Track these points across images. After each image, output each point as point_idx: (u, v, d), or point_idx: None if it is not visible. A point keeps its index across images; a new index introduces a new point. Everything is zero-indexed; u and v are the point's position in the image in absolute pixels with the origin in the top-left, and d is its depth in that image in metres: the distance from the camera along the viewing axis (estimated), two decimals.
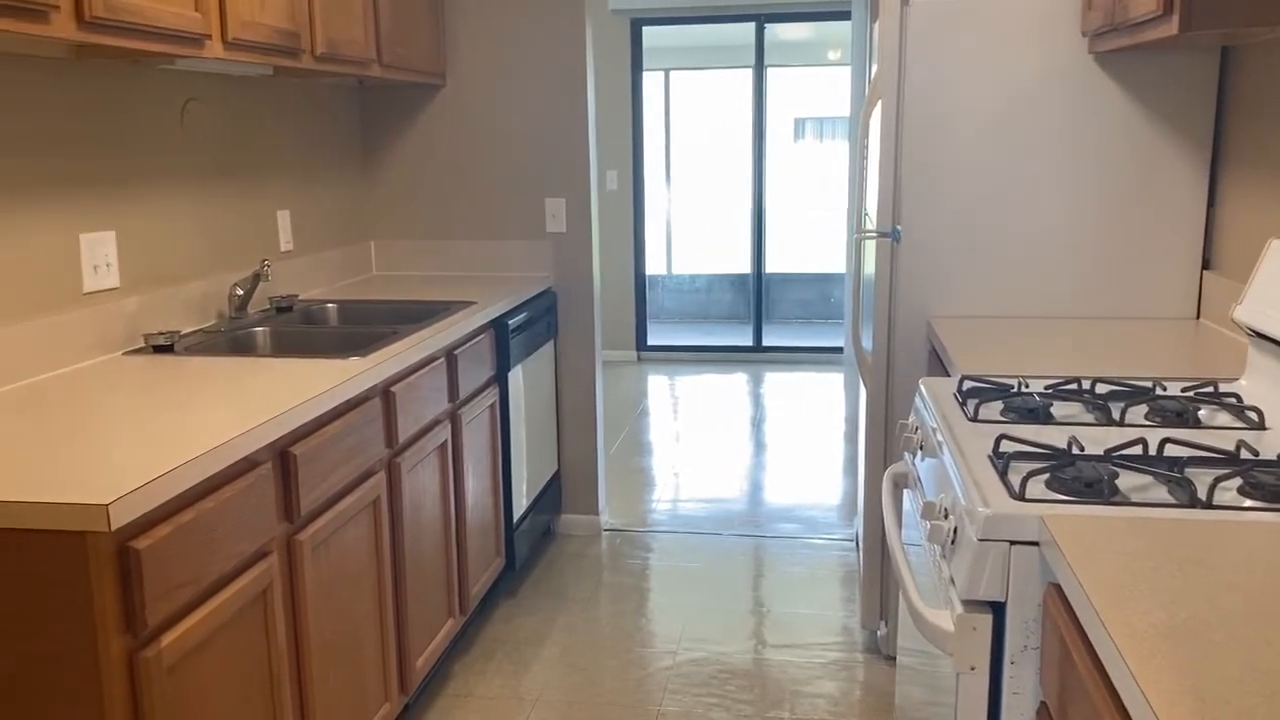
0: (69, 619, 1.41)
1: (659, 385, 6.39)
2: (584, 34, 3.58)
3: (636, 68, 6.71)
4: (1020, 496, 1.33)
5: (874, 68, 3.00)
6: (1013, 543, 1.29)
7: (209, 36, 2.16)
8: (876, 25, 2.81)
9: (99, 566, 1.40)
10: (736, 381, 6.45)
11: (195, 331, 2.63)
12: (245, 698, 1.76)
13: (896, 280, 2.72)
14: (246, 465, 1.76)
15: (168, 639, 1.53)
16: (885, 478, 1.92)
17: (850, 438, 5.16)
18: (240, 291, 2.77)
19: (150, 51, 2.02)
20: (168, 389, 2.02)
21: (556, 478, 3.79)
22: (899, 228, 2.69)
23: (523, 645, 3.03)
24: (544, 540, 3.80)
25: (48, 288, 2.18)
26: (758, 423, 5.48)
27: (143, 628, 1.47)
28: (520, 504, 3.34)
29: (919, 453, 1.83)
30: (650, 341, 7.07)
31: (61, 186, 2.22)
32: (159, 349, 2.41)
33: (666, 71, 9.15)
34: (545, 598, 3.34)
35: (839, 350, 6.93)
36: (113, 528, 1.38)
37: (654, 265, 8.27)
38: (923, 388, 1.94)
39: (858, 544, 3.71)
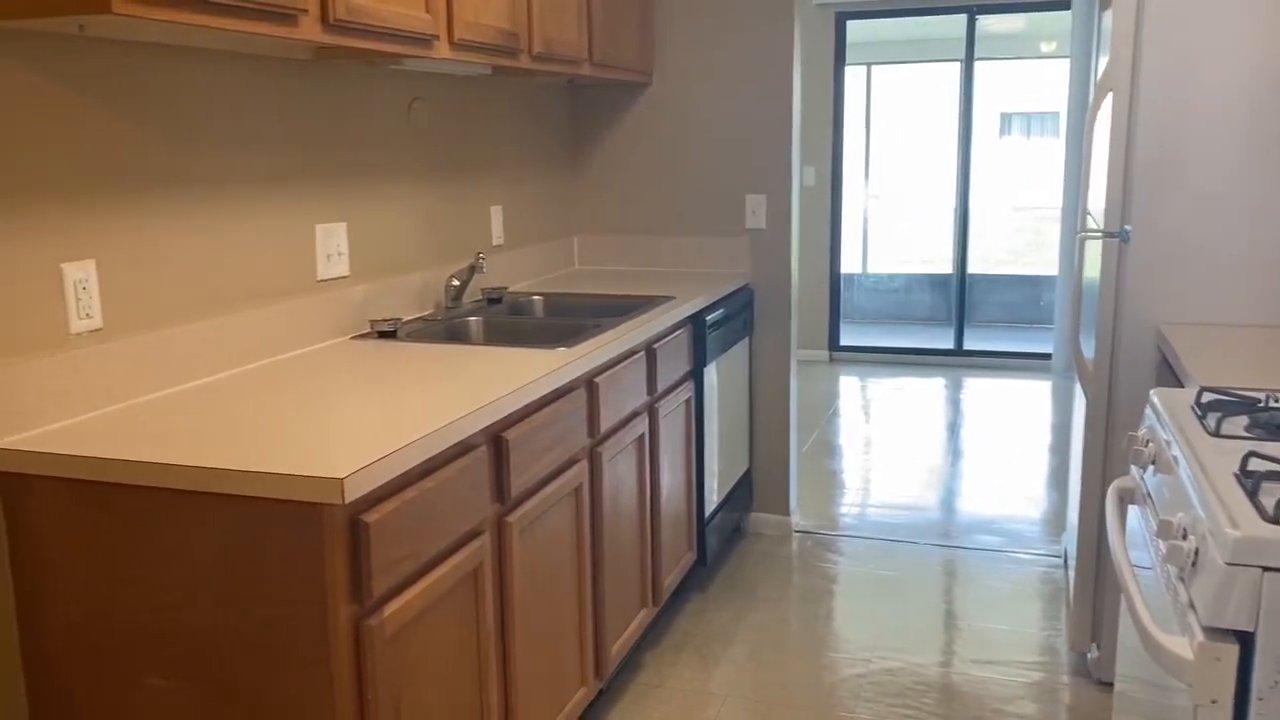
0: (303, 585, 1.51)
1: (851, 387, 6.27)
2: (792, 30, 3.55)
3: (839, 62, 6.59)
4: (1274, 520, 1.22)
5: (1102, 59, 2.83)
6: (1265, 569, 1.19)
7: (437, 37, 2.26)
8: (1107, 14, 2.65)
9: (332, 537, 1.49)
10: (934, 386, 6.24)
11: (415, 319, 2.77)
12: (455, 671, 1.84)
13: (1123, 283, 2.55)
14: (464, 448, 1.84)
15: (390, 609, 1.61)
16: (1109, 492, 1.81)
17: (1058, 449, 4.91)
18: (456, 282, 2.89)
19: (384, 52, 2.14)
20: (391, 372, 2.13)
21: (748, 475, 3.78)
22: (1127, 228, 2.53)
23: (712, 640, 3.03)
24: (734, 537, 3.80)
25: (286, 275, 2.34)
26: (955, 429, 5.29)
27: (368, 597, 1.55)
28: (712, 499, 3.34)
29: (1150, 467, 1.71)
30: (843, 342, 6.94)
31: (300, 180, 2.38)
32: (383, 334, 2.54)
33: (868, 66, 8.96)
34: (735, 595, 3.33)
35: (1047, 357, 6.60)
36: (346, 501, 1.47)
37: (849, 264, 8.12)
38: (1155, 399, 1.81)
39: (1066, 560, 3.53)
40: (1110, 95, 2.54)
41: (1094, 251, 2.74)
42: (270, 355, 2.27)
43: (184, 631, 1.59)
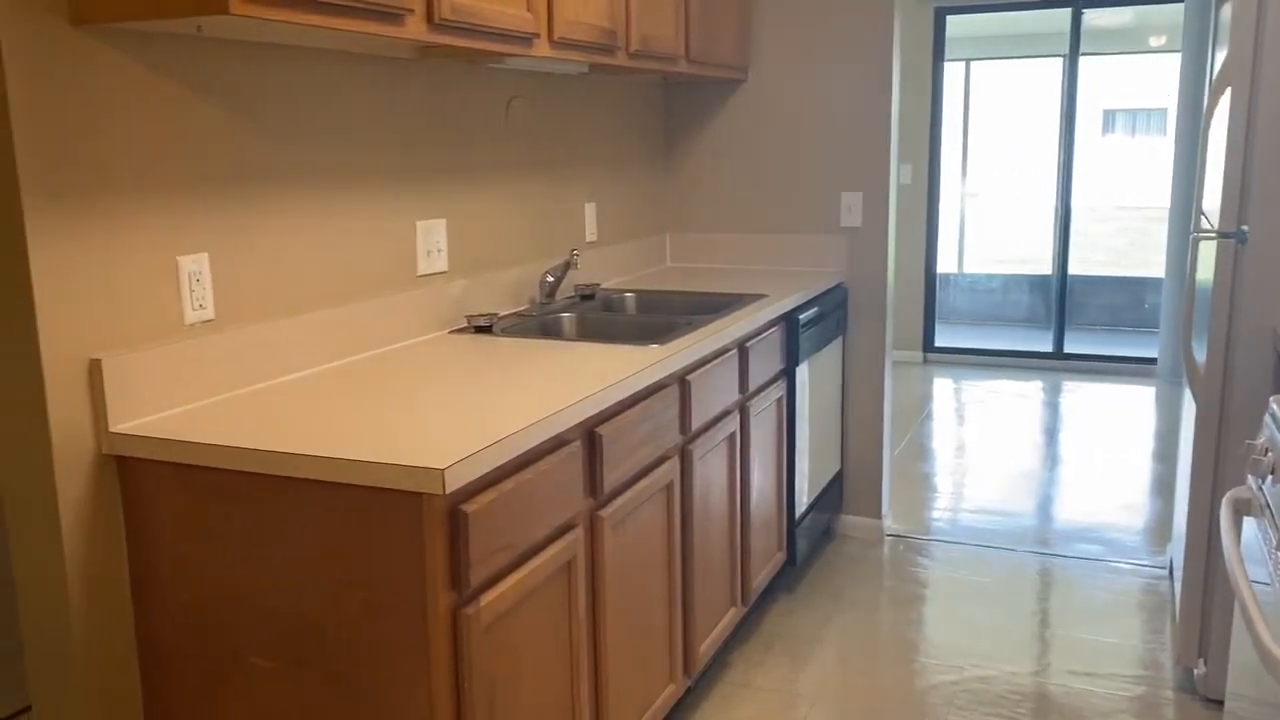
0: (403, 573, 1.54)
1: (945, 389, 6.15)
2: (891, 25, 3.49)
3: (938, 58, 6.47)
4: None
5: (1220, 53, 2.72)
6: None
7: (538, 35, 2.28)
8: (1225, 6, 2.55)
9: (432, 526, 1.52)
10: (1031, 389, 6.09)
11: (510, 314, 2.80)
12: (547, 663, 1.86)
13: (1239, 285, 2.45)
14: (559, 442, 1.85)
15: (486, 599, 1.63)
16: (1224, 503, 1.74)
17: (1163, 457, 4.74)
18: (551, 279, 2.92)
19: (486, 51, 2.17)
20: (488, 367, 2.16)
21: (839, 477, 3.73)
22: (1245, 228, 2.43)
23: (801, 642, 3.00)
24: (824, 539, 3.76)
25: (388, 270, 2.39)
26: (1053, 434, 5.15)
27: (466, 587, 1.58)
28: (802, 500, 3.31)
29: (1269, 477, 1.64)
30: (938, 343, 6.81)
31: (402, 177, 2.43)
32: (479, 329, 2.58)
33: (967, 62, 8.78)
34: (824, 597, 3.30)
35: (1151, 361, 6.38)
36: (446, 491, 1.49)
37: (945, 263, 7.96)
38: (1276, 407, 1.74)
39: (1171, 572, 3.41)
40: (1229, 90, 2.44)
41: (1208, 253, 2.63)
42: (371, 348, 2.32)
43: (287, 615, 1.64)
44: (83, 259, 1.67)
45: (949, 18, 6.47)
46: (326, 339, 2.17)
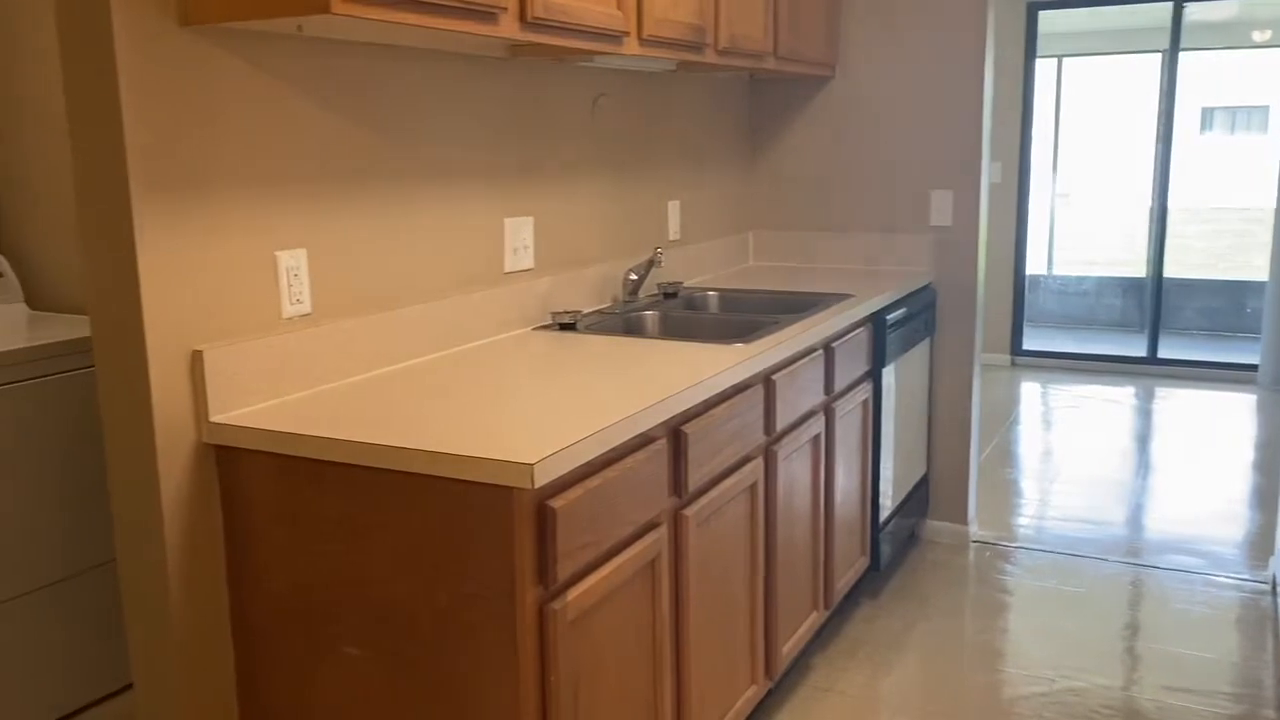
0: (492, 566, 1.55)
1: (1033, 393, 6.00)
2: (984, 21, 3.42)
3: (1029, 55, 6.32)
4: None
5: None
6: None
7: (627, 33, 2.28)
8: None
9: (521, 520, 1.53)
10: (1123, 395, 5.91)
11: (594, 312, 2.81)
12: (630, 660, 1.86)
13: None
14: (644, 440, 1.85)
15: (572, 594, 1.64)
16: None
17: (1264, 467, 4.56)
18: (634, 276, 2.92)
19: (576, 49, 2.18)
20: (573, 363, 2.17)
21: (924, 482, 3.67)
22: None
23: (884, 648, 2.96)
24: (908, 544, 3.70)
25: (476, 267, 2.42)
26: (1146, 441, 4.99)
27: (553, 581, 1.59)
28: (886, 504, 3.26)
29: None
30: (1026, 346, 6.66)
31: (491, 175, 2.45)
32: (563, 326, 2.59)
33: (1059, 58, 8.56)
34: (908, 603, 3.24)
35: (1252, 368, 6.15)
36: (535, 485, 1.50)
37: (1034, 264, 7.77)
38: None
39: (1275, 586, 3.28)
40: None
41: None
42: (459, 343, 2.35)
43: (378, 604, 1.66)
44: (187, 253, 1.72)
45: (1041, 13, 6.31)
46: (416, 334, 2.21)
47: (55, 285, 2.77)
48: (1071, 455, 4.77)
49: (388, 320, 2.12)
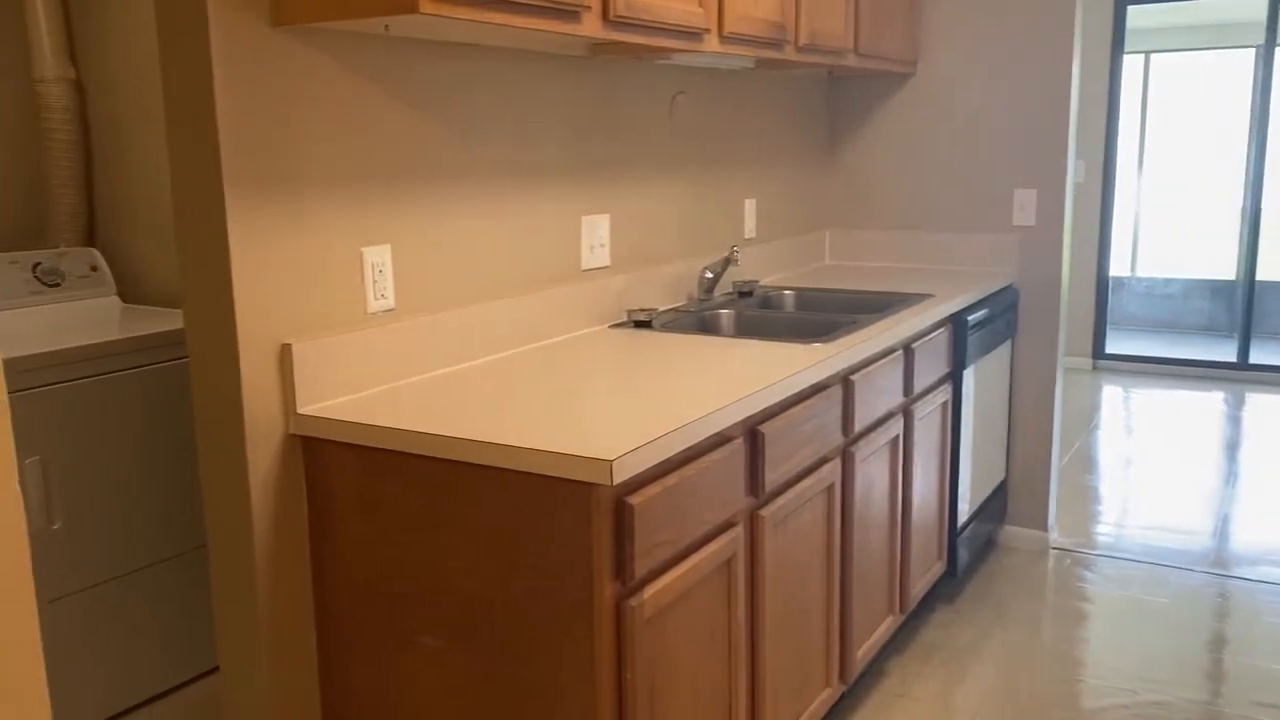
0: (570, 561, 1.56)
1: (1115, 397, 5.85)
2: (1072, 16, 3.34)
3: (1117, 50, 6.16)
4: None
5: None
6: None
7: (708, 31, 2.27)
8: None
9: (599, 516, 1.54)
10: (1211, 401, 5.73)
11: (669, 310, 2.81)
12: (705, 659, 1.85)
13: None
14: (721, 439, 1.84)
15: (649, 591, 1.64)
16: None
17: None
18: (710, 275, 2.92)
19: (656, 47, 2.18)
20: (649, 361, 2.17)
21: (1003, 486, 3.60)
22: None
23: (960, 654, 2.91)
24: (985, 550, 3.63)
25: (554, 264, 2.43)
26: (1234, 449, 4.83)
27: (630, 578, 1.59)
28: (964, 509, 3.21)
29: None
30: (1109, 349, 6.49)
31: (570, 172, 2.46)
32: (639, 324, 2.60)
33: (1146, 54, 8.33)
34: (985, 609, 3.18)
35: None
36: (614, 482, 1.50)
37: (1118, 265, 7.57)
38: None
39: None
40: None
41: None
42: (536, 340, 2.36)
43: (457, 596, 1.68)
44: (276, 248, 1.76)
45: (1130, 8, 6.15)
46: (495, 331, 2.23)
47: (146, 279, 2.86)
48: (1156, 462, 4.64)
49: (467, 316, 2.15)
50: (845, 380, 2.34)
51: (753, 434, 1.96)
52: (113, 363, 2.35)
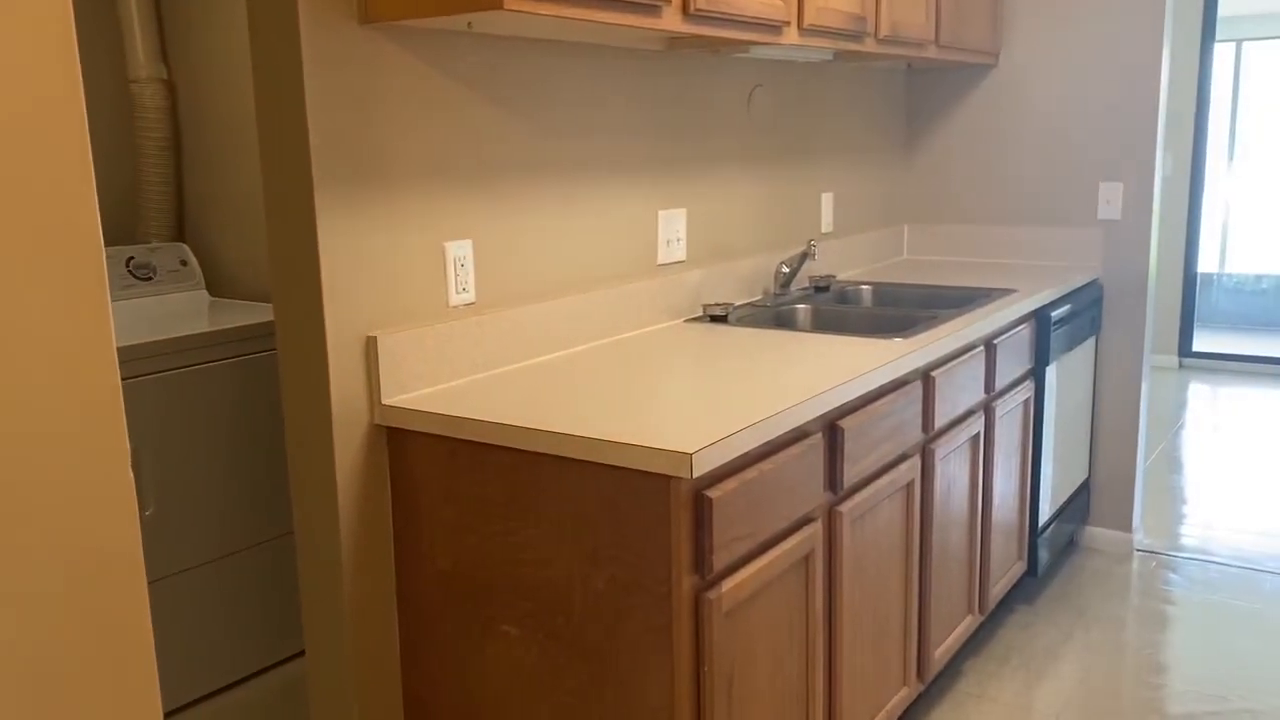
0: (650, 553, 1.57)
1: (1202, 396, 5.68)
2: (1162, 3, 3.24)
3: (1207, 39, 5.97)
4: None
5: None
6: None
7: (787, 23, 2.26)
8: None
9: (678, 509, 1.54)
10: None
11: (745, 304, 2.80)
12: (783, 654, 1.85)
13: None
14: (800, 433, 1.83)
15: (727, 585, 1.64)
16: None
17: None
18: (786, 269, 2.90)
19: (735, 40, 2.17)
20: (725, 356, 2.17)
21: (1085, 486, 3.52)
22: None
23: (1039, 656, 2.85)
24: (1067, 550, 3.55)
25: (630, 258, 2.44)
26: None
27: (709, 571, 1.59)
28: (1045, 509, 3.14)
29: None
30: (1196, 347, 6.30)
31: (646, 167, 2.47)
32: (714, 318, 2.59)
33: (1238, 43, 8.06)
34: (1065, 611, 3.12)
35: None
36: (693, 475, 1.51)
37: (1206, 262, 7.34)
38: None
39: None
40: None
41: None
42: (613, 334, 2.37)
43: (538, 586, 1.70)
44: (363, 242, 1.79)
45: None
46: (574, 324, 2.24)
47: (233, 273, 2.93)
48: (1245, 463, 4.49)
49: (546, 310, 2.16)
50: (925, 376, 2.31)
51: (832, 429, 1.94)
52: (203, 354, 2.42)
